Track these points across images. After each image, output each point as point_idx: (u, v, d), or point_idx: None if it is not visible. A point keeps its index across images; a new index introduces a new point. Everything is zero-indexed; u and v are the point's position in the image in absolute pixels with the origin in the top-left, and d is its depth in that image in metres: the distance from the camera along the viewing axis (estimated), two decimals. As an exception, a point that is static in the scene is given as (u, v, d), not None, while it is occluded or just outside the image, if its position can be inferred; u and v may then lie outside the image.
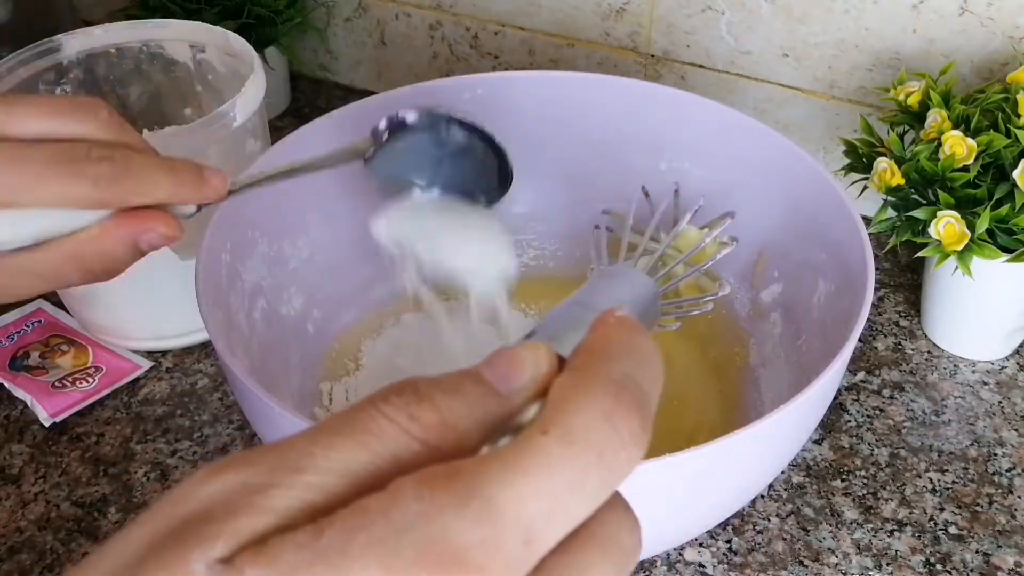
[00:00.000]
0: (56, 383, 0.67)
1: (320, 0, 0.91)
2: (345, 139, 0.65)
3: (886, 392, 0.66)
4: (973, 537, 0.58)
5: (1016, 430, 0.63)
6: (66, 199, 0.40)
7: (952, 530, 0.58)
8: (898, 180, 0.62)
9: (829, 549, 0.57)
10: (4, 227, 0.40)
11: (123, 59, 0.72)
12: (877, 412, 0.65)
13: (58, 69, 0.70)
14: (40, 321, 0.72)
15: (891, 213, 0.64)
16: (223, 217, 0.57)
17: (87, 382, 0.67)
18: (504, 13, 0.85)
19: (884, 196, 0.64)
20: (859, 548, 0.57)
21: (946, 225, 0.60)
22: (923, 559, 0.56)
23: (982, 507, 0.59)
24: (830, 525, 0.58)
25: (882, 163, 0.63)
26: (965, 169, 0.60)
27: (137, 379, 0.67)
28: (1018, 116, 0.61)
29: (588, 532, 0.21)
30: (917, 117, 0.65)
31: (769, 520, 0.58)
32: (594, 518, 0.22)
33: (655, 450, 0.59)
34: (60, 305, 0.72)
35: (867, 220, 0.59)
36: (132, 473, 0.61)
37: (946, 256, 0.61)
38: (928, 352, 0.69)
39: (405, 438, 0.21)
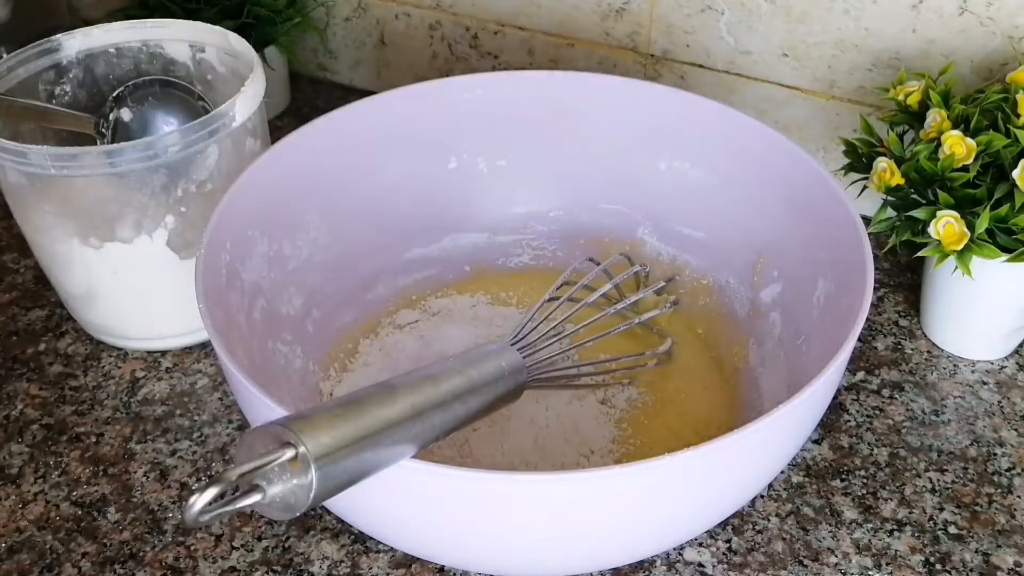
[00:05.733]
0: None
1: (320, 0, 0.91)
2: (343, 139, 0.66)
3: (886, 392, 0.66)
4: (973, 537, 0.58)
5: (1016, 430, 0.64)
6: None
7: (952, 530, 0.58)
8: (898, 180, 0.62)
9: (829, 549, 0.57)
10: None
11: (123, 59, 0.72)
12: (877, 412, 0.65)
13: (58, 69, 0.70)
14: None
15: (891, 213, 0.64)
16: (223, 217, 0.57)
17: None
18: (504, 13, 0.85)
19: (884, 196, 0.64)
20: (859, 548, 0.57)
21: (946, 225, 0.60)
22: (923, 559, 0.56)
23: (982, 507, 0.59)
24: (830, 525, 0.58)
25: (882, 163, 0.63)
26: (965, 169, 0.60)
27: (136, 379, 0.67)
28: (1018, 116, 0.61)
29: None
30: (917, 117, 0.65)
31: (769, 520, 0.58)
32: None
33: (655, 450, 0.59)
34: (60, 305, 0.72)
35: (867, 220, 0.59)
36: (132, 473, 0.61)
37: (946, 256, 0.61)
38: (928, 352, 0.69)
39: None
